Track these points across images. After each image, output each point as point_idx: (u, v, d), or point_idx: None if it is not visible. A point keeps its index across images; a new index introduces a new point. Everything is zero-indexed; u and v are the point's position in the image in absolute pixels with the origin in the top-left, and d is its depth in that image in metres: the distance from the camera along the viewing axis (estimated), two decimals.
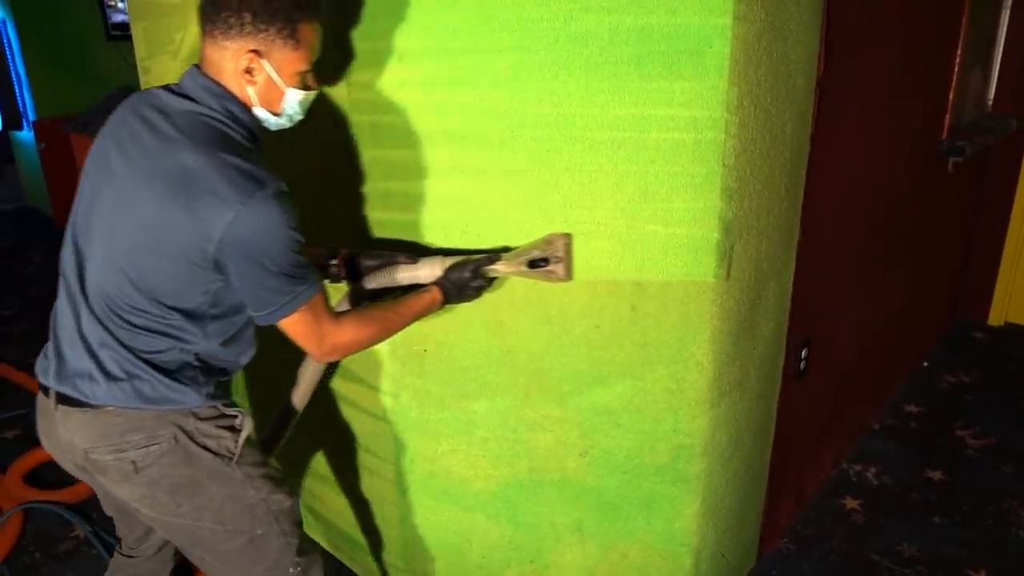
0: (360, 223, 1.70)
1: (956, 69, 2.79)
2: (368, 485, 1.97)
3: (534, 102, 1.46)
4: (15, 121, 5.79)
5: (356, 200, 1.69)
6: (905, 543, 2.27)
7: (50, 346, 1.37)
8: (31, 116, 5.67)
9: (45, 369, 1.36)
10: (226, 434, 1.38)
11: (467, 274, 1.50)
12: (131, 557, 1.65)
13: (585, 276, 1.57)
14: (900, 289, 2.90)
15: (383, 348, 1.74)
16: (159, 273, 1.24)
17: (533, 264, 1.51)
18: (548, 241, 1.52)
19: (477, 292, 1.52)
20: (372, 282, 1.57)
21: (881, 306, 2.73)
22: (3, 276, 4.87)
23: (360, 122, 1.60)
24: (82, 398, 1.30)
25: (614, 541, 1.81)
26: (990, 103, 3.33)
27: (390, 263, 1.56)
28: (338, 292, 1.64)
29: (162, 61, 2.17)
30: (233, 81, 1.27)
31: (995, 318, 3.71)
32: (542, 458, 1.75)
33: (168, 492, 1.35)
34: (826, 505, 2.45)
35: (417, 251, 1.60)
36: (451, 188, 1.58)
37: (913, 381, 3.22)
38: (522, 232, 1.56)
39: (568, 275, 1.54)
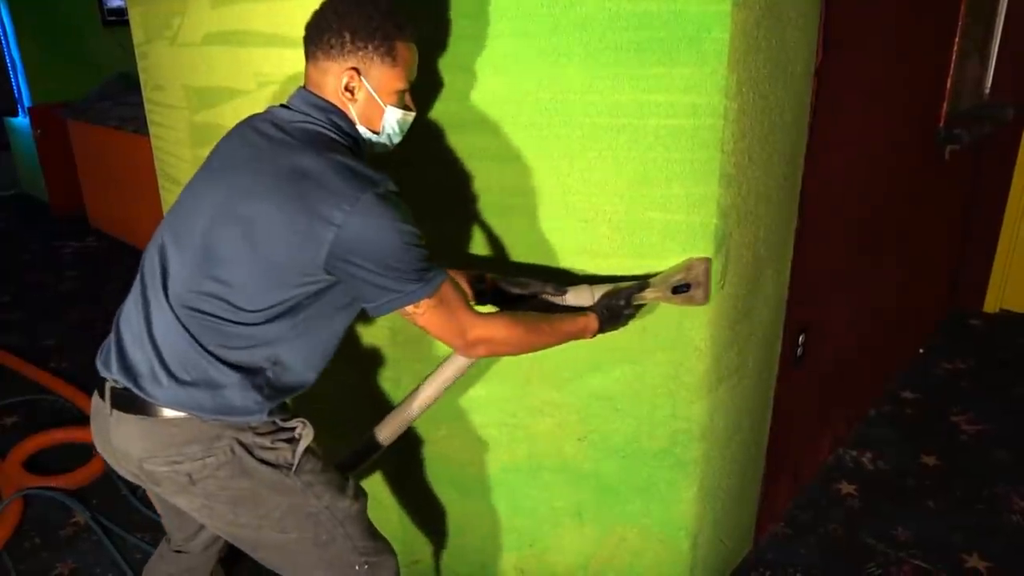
0: None
1: (954, 57, 2.79)
2: (368, 470, 1.99)
3: (533, 88, 1.47)
4: (10, 108, 5.76)
5: None
6: (900, 527, 2.29)
7: (111, 346, 1.33)
8: (27, 102, 5.64)
9: (107, 363, 1.32)
10: (284, 446, 1.35)
11: (621, 302, 1.48)
12: (180, 552, 1.62)
13: (584, 262, 1.57)
14: (897, 276, 2.91)
15: (384, 332, 1.74)
16: (263, 267, 1.22)
17: (677, 290, 1.52)
18: (688, 267, 1.52)
19: (628, 319, 1.52)
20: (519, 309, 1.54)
21: (878, 293, 2.75)
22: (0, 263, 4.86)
23: None
24: (142, 395, 1.26)
25: (612, 525, 1.82)
26: (987, 91, 3.33)
27: (538, 292, 1.54)
28: None
29: (159, 46, 2.16)
30: (336, 100, 1.30)
31: (991, 305, 3.73)
32: (541, 443, 1.76)
33: (226, 504, 1.34)
34: (822, 490, 2.47)
35: (559, 279, 1.58)
36: (450, 174, 1.58)
37: (909, 368, 3.24)
38: (519, 218, 1.57)
39: (706, 299, 1.55)
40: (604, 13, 1.39)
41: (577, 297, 1.52)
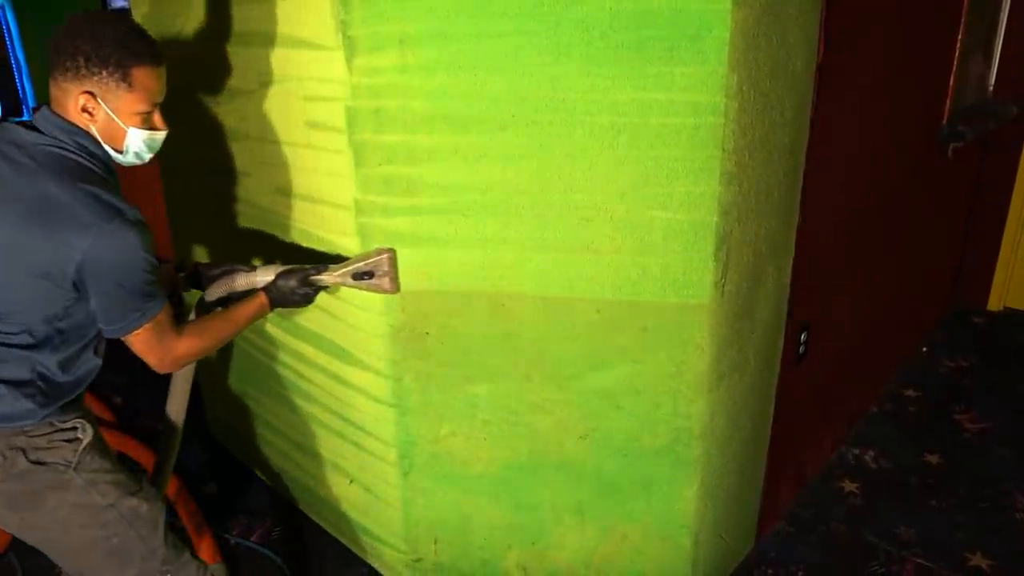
0: (363, 208, 1.71)
1: (957, 54, 2.78)
2: (371, 468, 1.99)
3: (535, 87, 1.47)
4: (15, 108, 5.78)
5: (358, 184, 1.70)
6: (902, 526, 2.29)
7: None
8: (31, 103, 5.66)
9: None
10: (64, 444, 1.39)
11: (293, 282, 1.60)
12: None
13: (586, 261, 1.58)
14: (899, 274, 2.91)
15: (386, 331, 1.75)
16: (13, 291, 1.29)
17: (358, 276, 1.63)
18: (375, 254, 1.63)
19: (304, 298, 1.62)
20: (216, 291, 1.67)
21: (880, 291, 2.74)
22: None
23: (363, 107, 1.60)
24: None
25: (614, 523, 1.83)
26: (991, 88, 3.33)
27: (230, 271, 1.66)
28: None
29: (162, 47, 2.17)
30: (77, 119, 1.33)
31: (994, 303, 3.72)
32: (543, 441, 1.77)
33: (6, 507, 1.37)
34: (824, 488, 2.47)
35: (262, 261, 1.71)
36: (452, 172, 1.59)
37: (912, 365, 3.23)
38: (520, 219, 1.57)
39: (394, 288, 1.65)
40: (605, 12, 1.39)
41: (264, 276, 1.64)
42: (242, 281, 1.65)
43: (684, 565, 1.86)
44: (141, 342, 1.37)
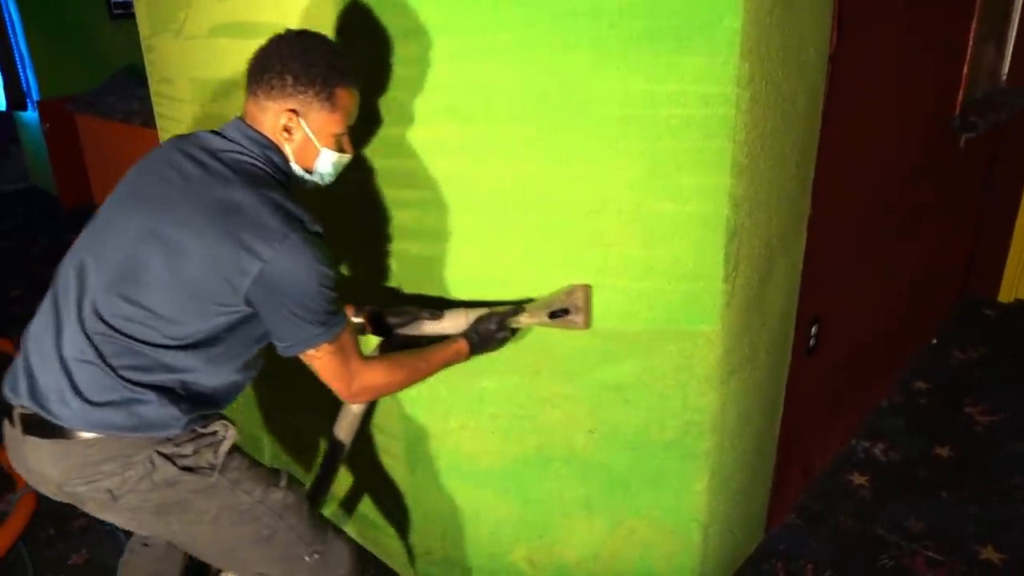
0: (366, 201, 1.69)
1: (970, 43, 2.75)
2: (378, 462, 1.99)
3: (543, 78, 1.45)
4: (19, 101, 5.77)
5: (362, 178, 1.68)
6: (912, 519, 2.27)
7: (19, 370, 1.32)
8: (35, 96, 5.65)
9: (14, 388, 1.31)
10: (206, 450, 1.36)
11: (492, 326, 1.55)
12: (147, 545, 1.63)
13: (595, 253, 1.56)
14: (910, 266, 2.88)
15: None
16: (181, 296, 1.24)
17: (554, 315, 1.56)
18: (568, 292, 1.56)
19: (501, 343, 1.57)
20: (398, 339, 1.60)
21: (891, 283, 2.72)
22: (10, 257, 4.88)
23: (366, 100, 1.58)
24: (52, 419, 1.26)
25: (622, 517, 1.82)
26: (1004, 77, 3.28)
27: (415, 319, 1.59)
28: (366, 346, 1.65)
29: (165, 39, 2.16)
30: (272, 137, 1.33)
31: (1005, 295, 3.69)
32: (550, 434, 1.76)
33: (153, 514, 1.34)
34: (834, 481, 2.46)
35: (437, 306, 1.62)
36: (457, 165, 1.57)
37: (922, 358, 3.21)
38: (527, 211, 1.56)
39: (587, 324, 1.58)
40: (614, 2, 1.37)
41: (453, 321, 1.57)
42: (428, 328, 1.58)
43: (693, 558, 1.85)
44: (324, 365, 1.33)
